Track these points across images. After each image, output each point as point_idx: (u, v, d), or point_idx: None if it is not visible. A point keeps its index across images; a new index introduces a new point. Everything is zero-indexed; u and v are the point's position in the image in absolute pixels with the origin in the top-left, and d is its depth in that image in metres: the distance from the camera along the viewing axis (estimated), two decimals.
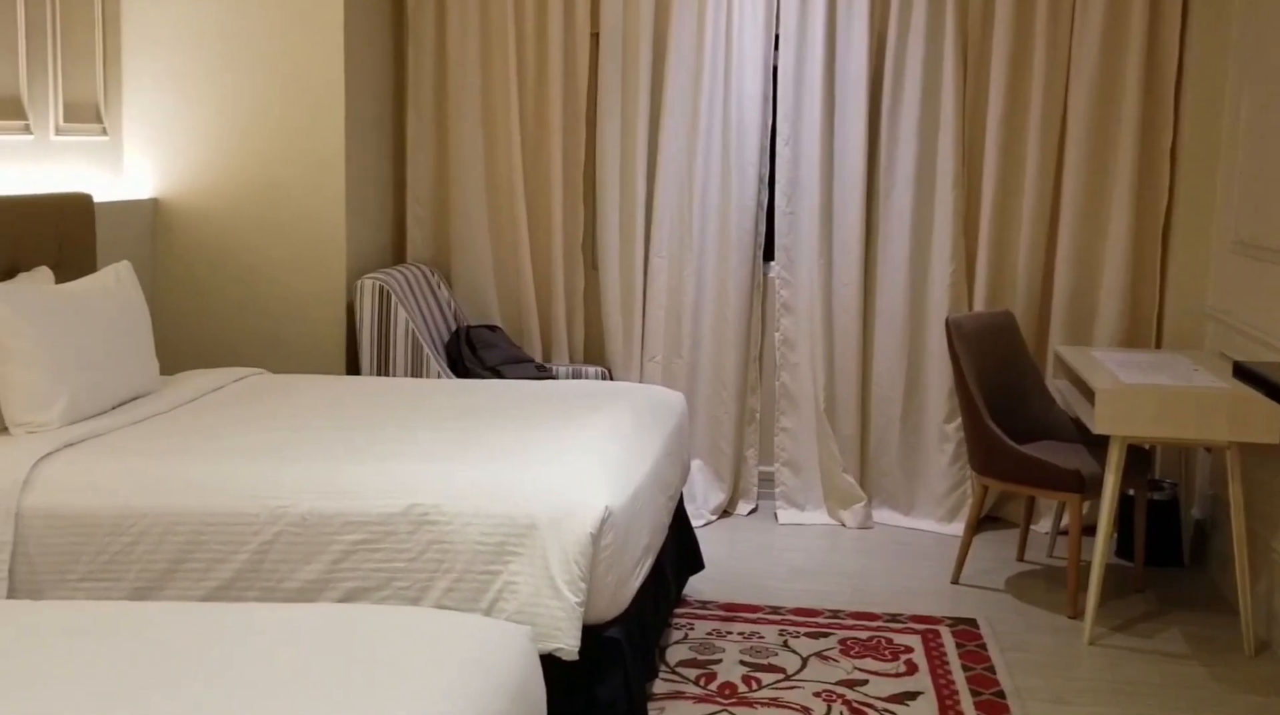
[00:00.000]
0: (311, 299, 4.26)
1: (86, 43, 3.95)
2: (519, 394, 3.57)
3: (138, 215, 4.19)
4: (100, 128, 4.07)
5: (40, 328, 2.89)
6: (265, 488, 2.62)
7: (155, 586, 2.57)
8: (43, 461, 2.66)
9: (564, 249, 4.64)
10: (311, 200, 4.22)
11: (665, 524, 3.19)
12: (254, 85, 4.19)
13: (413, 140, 4.65)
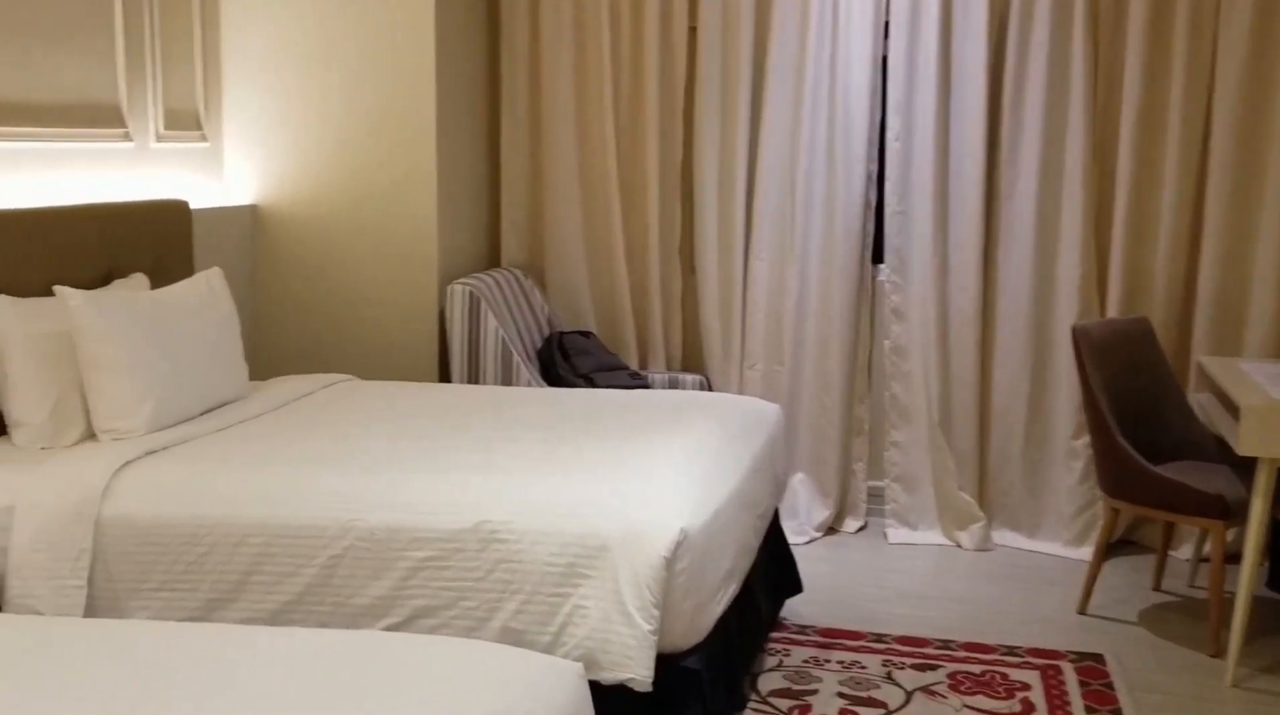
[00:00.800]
0: (404, 305, 4.30)
1: (185, 51, 4.07)
2: (606, 404, 3.53)
3: (237, 221, 4.31)
4: (200, 134, 4.19)
5: (127, 335, 2.98)
6: (335, 500, 2.64)
7: (228, 599, 2.62)
8: (124, 469, 2.73)
9: (660, 251, 4.59)
10: (404, 205, 4.27)
11: (753, 545, 3.10)
12: (349, 90, 4.26)
13: (507, 143, 4.67)
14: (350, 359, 4.32)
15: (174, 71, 4.01)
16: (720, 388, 4.52)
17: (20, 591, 2.60)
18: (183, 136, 4.08)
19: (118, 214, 3.53)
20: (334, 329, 4.38)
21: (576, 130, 4.59)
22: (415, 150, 4.24)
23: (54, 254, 3.22)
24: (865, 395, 4.57)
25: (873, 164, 4.46)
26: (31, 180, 3.34)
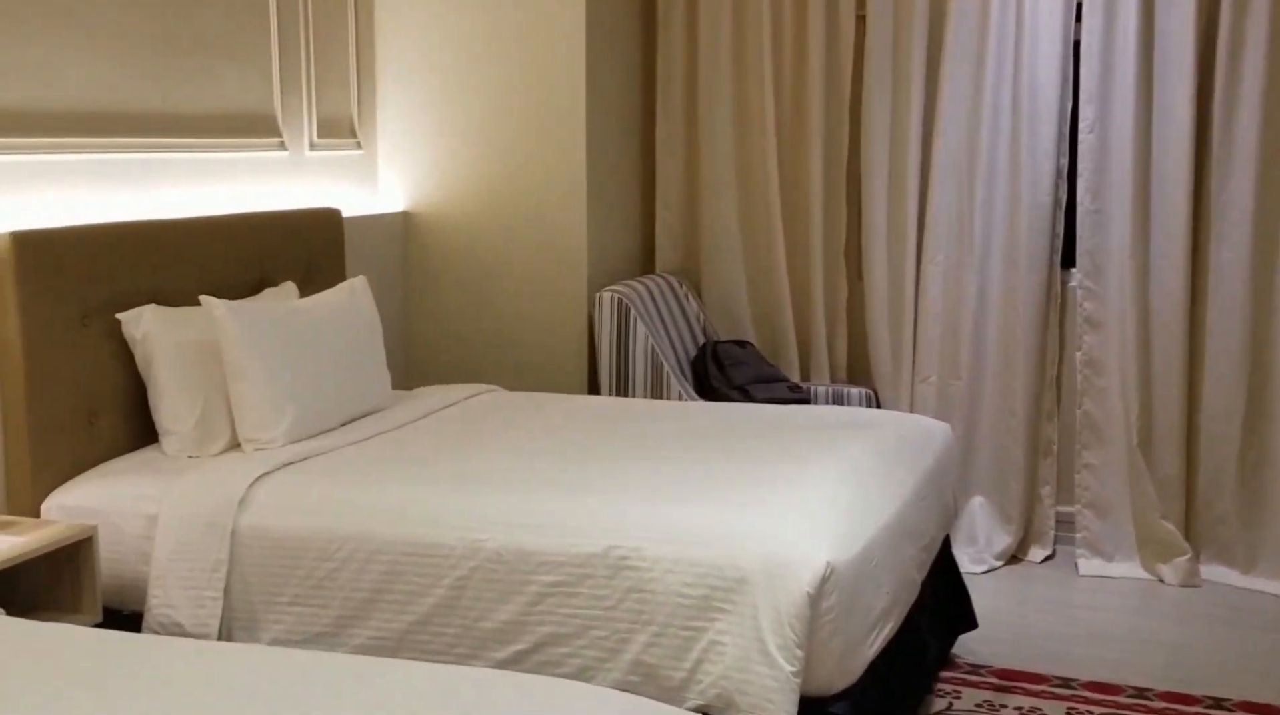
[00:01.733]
0: (553, 313, 4.30)
1: (340, 59, 4.18)
2: (758, 420, 3.42)
3: (389, 229, 4.39)
4: (354, 142, 4.29)
5: (268, 345, 3.05)
6: (464, 518, 2.62)
7: (358, 616, 2.64)
8: (260, 480, 2.80)
9: (824, 256, 4.46)
10: (554, 211, 4.27)
11: (915, 579, 2.93)
12: (499, 95, 4.30)
13: (662, 144, 4.62)
14: (499, 368, 4.34)
15: (328, 80, 4.11)
16: (889, 402, 4.34)
17: (160, 601, 2.68)
18: (336, 144, 4.19)
19: (270, 223, 3.64)
20: (483, 337, 4.41)
21: (735, 128, 4.50)
22: (565, 155, 4.24)
23: (207, 263, 3.34)
24: (1054, 412, 4.32)
25: (1063, 159, 4.22)
26: (189, 190, 3.48)
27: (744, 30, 4.46)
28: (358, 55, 4.28)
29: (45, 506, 2.83)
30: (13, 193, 2.90)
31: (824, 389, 4.35)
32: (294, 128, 3.95)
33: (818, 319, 4.49)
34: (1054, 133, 4.18)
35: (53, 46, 2.99)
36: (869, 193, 4.39)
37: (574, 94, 4.21)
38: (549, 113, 4.25)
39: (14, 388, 2.78)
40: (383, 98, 4.42)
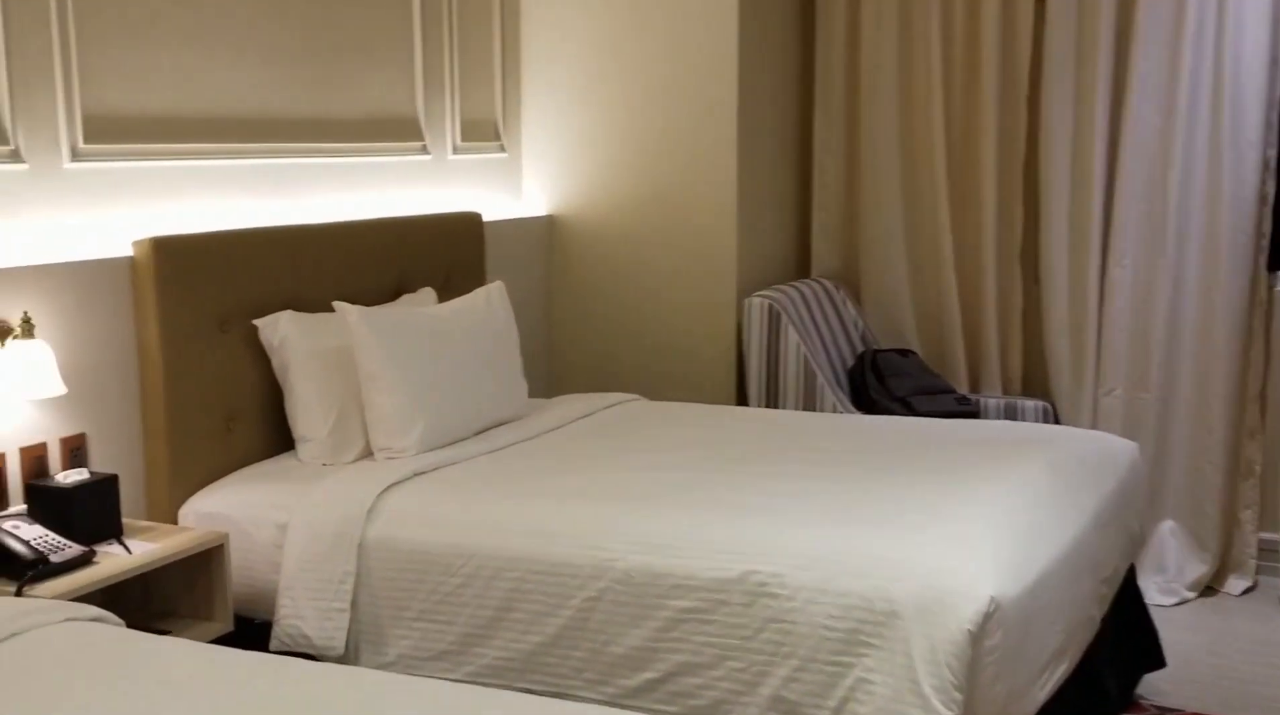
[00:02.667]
0: (700, 320, 4.19)
1: (485, 62, 4.17)
2: (921, 435, 3.23)
3: (532, 233, 4.36)
4: (498, 145, 4.27)
5: (401, 351, 3.03)
6: (592, 536, 2.54)
7: (483, 635, 2.58)
8: (389, 491, 2.77)
9: (997, 258, 4.24)
10: (702, 214, 4.16)
11: (1093, 616, 2.71)
12: (648, 95, 4.22)
13: (820, 143, 4.47)
14: (643, 376, 4.25)
15: (472, 83, 4.10)
16: (1068, 417, 4.08)
17: (289, 612, 2.68)
18: (480, 148, 4.18)
19: (410, 227, 3.65)
20: (627, 345, 4.34)
21: (899, 124, 4.31)
22: (715, 155, 4.12)
23: (346, 269, 3.35)
24: (1257, 431, 3.99)
25: (1270, 149, 3.90)
26: (330, 195, 3.51)
27: (910, 19, 4.26)
28: (503, 56, 4.26)
29: (182, 512, 2.87)
30: (156, 199, 2.96)
31: (995, 402, 4.10)
32: (436, 131, 3.95)
33: (989, 326, 4.25)
34: (1260, 119, 3.85)
35: (195, 53, 3.05)
36: (1048, 189, 4.13)
37: (725, 91, 4.09)
38: (699, 111, 4.14)
39: (153, 393, 2.83)
40: (528, 99, 4.39)
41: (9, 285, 2.55)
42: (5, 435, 2.55)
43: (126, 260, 2.81)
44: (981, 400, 4.11)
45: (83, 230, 2.76)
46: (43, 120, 2.67)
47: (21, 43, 2.61)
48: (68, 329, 2.67)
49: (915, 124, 4.29)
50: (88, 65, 2.76)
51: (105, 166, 2.82)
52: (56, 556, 2.37)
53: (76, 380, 2.68)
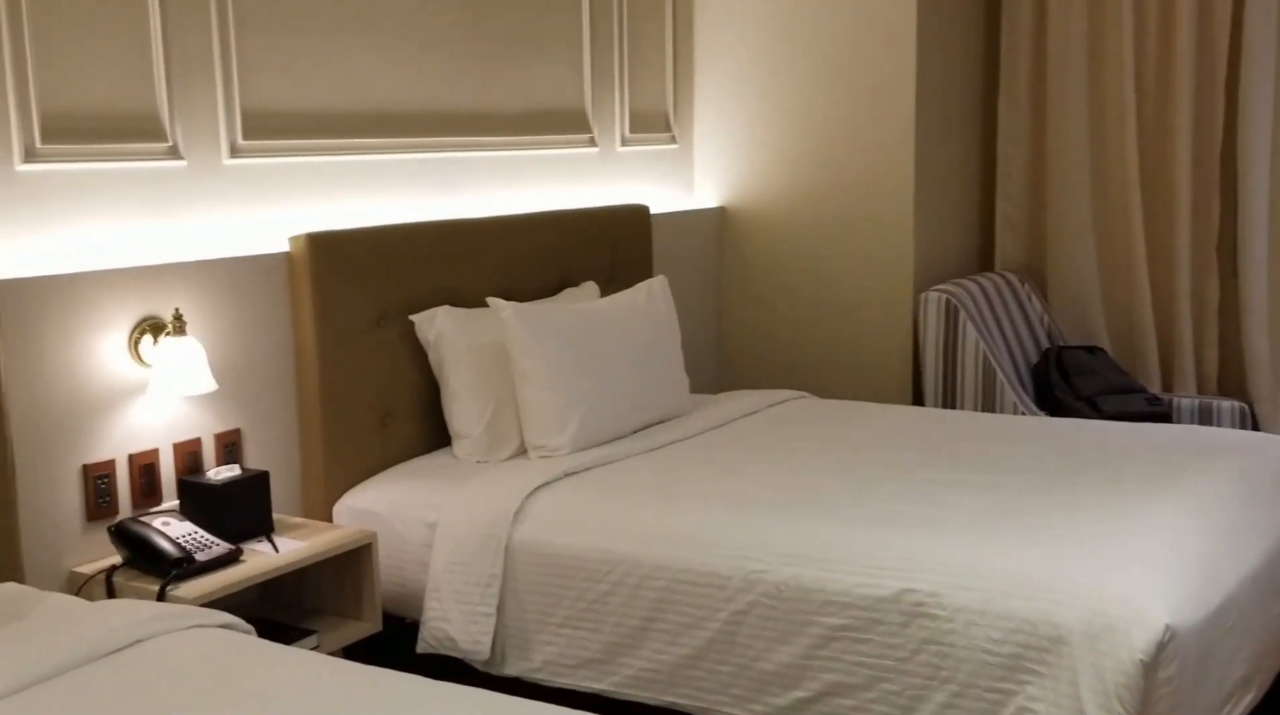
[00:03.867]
0: (875, 314, 3.99)
1: (656, 52, 4.06)
2: (1106, 438, 2.97)
3: (703, 225, 4.24)
4: (669, 136, 4.16)
5: (554, 347, 2.95)
6: (742, 546, 2.39)
7: (630, 644, 2.47)
8: (537, 492, 2.68)
9: (1192, 251, 3.93)
10: (878, 205, 3.95)
11: None
12: (823, 84, 4.03)
13: (1004, 132, 4.22)
14: (815, 372, 4.07)
15: (642, 74, 4.00)
16: (1266, 418, 3.74)
17: (436, 613, 2.63)
18: (649, 139, 4.07)
19: (574, 220, 3.57)
20: (799, 339, 4.16)
21: (1089, 112, 4.04)
22: (892, 145, 3.90)
23: (507, 263, 3.30)
24: None
25: None
26: (494, 189, 3.46)
27: (1100, 2, 3.95)
28: (674, 46, 4.14)
29: (337, 509, 2.85)
30: (314, 194, 2.95)
31: (1189, 402, 3.76)
32: (605, 123, 3.86)
33: (1183, 322, 3.93)
34: None
35: (355, 47, 3.03)
36: (1247, 179, 3.81)
37: (903, 79, 3.86)
38: (875, 99, 3.92)
39: (309, 389, 2.83)
40: (700, 89, 4.26)
41: (162, 282, 2.57)
42: (159, 431, 2.58)
43: (282, 256, 2.80)
44: (1174, 400, 3.77)
45: (239, 227, 2.77)
46: (201, 117, 2.69)
47: (180, 40, 2.63)
48: (222, 326, 2.68)
49: (1105, 113, 4.01)
50: (246, 61, 2.77)
51: (263, 162, 2.82)
52: (202, 555, 2.38)
53: (231, 376, 2.70)
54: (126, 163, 2.57)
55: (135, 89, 2.57)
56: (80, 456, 2.46)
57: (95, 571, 2.41)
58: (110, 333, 2.49)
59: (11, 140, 2.37)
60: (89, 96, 2.49)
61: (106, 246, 2.53)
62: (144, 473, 2.55)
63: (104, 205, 2.53)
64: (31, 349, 2.36)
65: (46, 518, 2.41)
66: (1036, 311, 4.09)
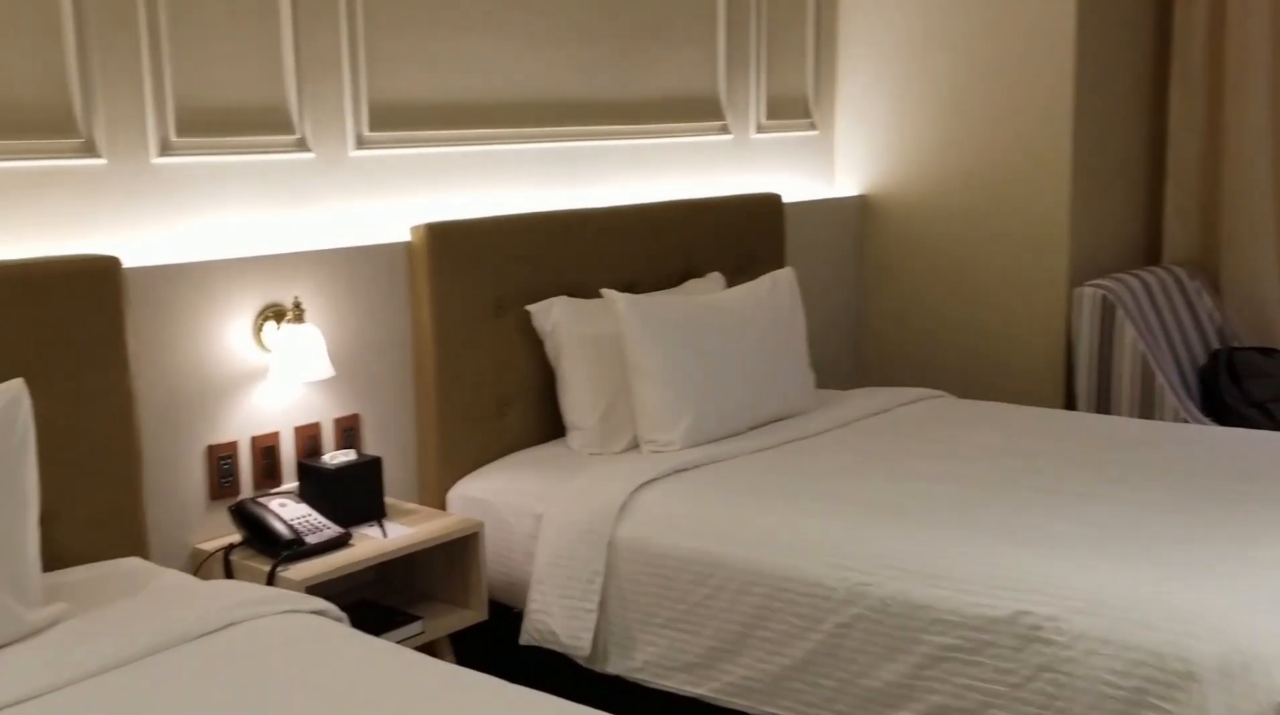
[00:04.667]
0: (1024, 310, 3.78)
1: (795, 36, 3.93)
2: (1272, 452, 2.71)
3: (842, 214, 4.09)
4: (808, 123, 4.03)
5: (668, 341, 2.88)
6: (847, 555, 2.28)
7: (730, 650, 2.39)
8: (644, 488, 2.63)
9: None
10: (1031, 195, 3.74)
11: None
12: (974, 64, 3.83)
13: (1176, 117, 3.94)
14: (958, 370, 3.89)
15: (780, 59, 3.88)
16: None
17: (538, 607, 2.61)
18: (787, 126, 3.95)
19: (701, 210, 3.49)
20: (942, 335, 3.97)
21: (1271, 96, 3.68)
22: (1048, 130, 3.67)
23: (631, 252, 3.25)
24: None
25: None
26: (622, 178, 3.41)
27: None
28: (817, 29, 4.00)
29: (450, 496, 2.86)
30: (439, 185, 2.96)
31: None
32: (739, 110, 3.76)
33: None
34: None
35: (482, 37, 3.02)
36: None
37: (1060, 60, 3.63)
38: (1030, 82, 3.70)
39: (426, 377, 2.84)
40: (843, 74, 4.11)
41: (286, 271, 2.61)
42: (280, 414, 2.63)
43: (402, 246, 2.82)
44: None
45: (363, 217, 2.80)
46: (329, 109, 2.72)
47: (311, 35, 2.67)
48: (342, 313, 2.71)
49: None
50: (375, 54, 2.79)
51: (388, 154, 2.84)
52: (313, 538, 2.41)
53: (351, 362, 2.73)
54: (256, 155, 2.62)
55: (266, 83, 2.62)
56: (205, 437, 2.52)
57: (215, 549, 2.48)
58: (235, 319, 2.55)
59: (148, 134, 2.44)
60: (222, 91, 2.55)
61: (235, 236, 2.58)
62: (265, 455, 2.60)
63: (233, 196, 2.59)
64: (160, 334, 2.43)
65: (172, 496, 2.48)
66: (1207, 309, 3.80)
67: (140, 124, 2.43)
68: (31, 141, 2.29)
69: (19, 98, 2.27)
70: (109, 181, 2.40)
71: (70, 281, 2.23)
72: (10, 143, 2.26)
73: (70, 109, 2.33)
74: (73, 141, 2.35)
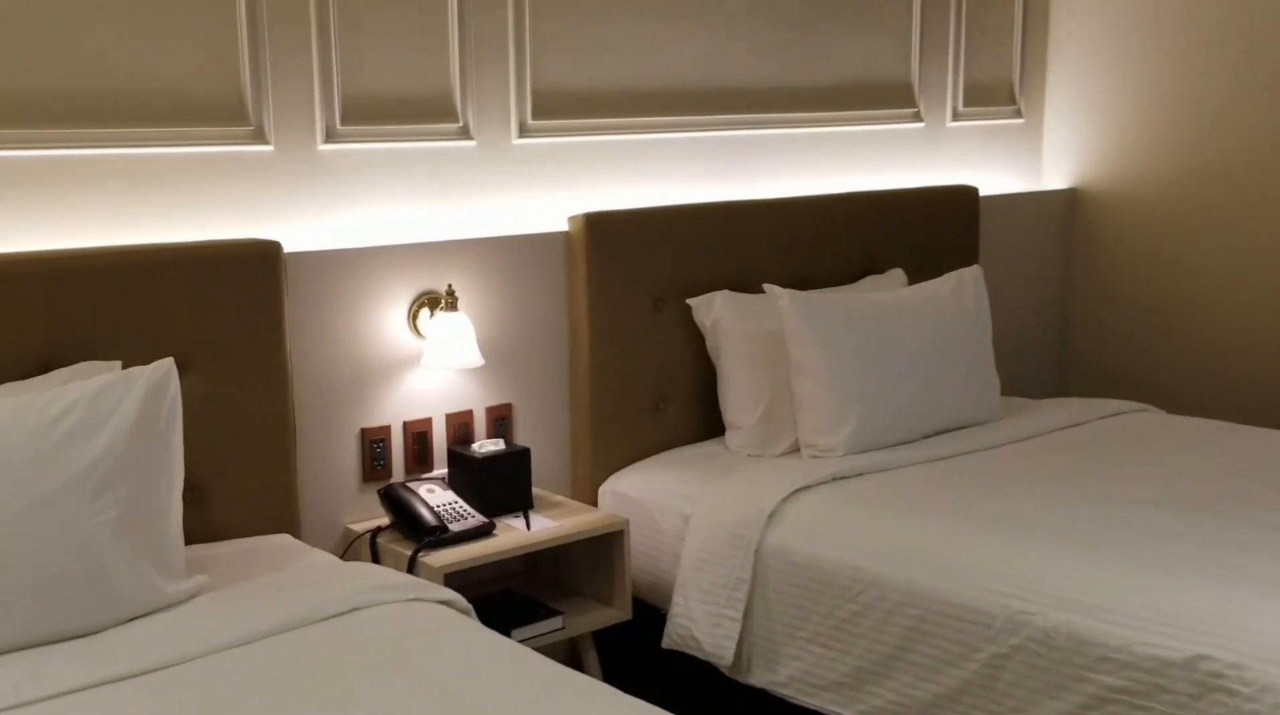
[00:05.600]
0: (1252, 321, 3.45)
1: (1002, 16, 3.69)
2: None
3: (1048, 209, 3.83)
4: (1013, 109, 3.78)
5: (834, 340, 2.74)
6: (1010, 581, 2.10)
7: (878, 673, 2.25)
8: (798, 495, 2.51)
9: None
10: (1268, 195, 3.40)
11: None
12: (1203, 47, 3.50)
13: None
14: (1174, 383, 3.58)
15: (982, 39, 3.65)
16: None
17: (681, 611, 2.53)
18: (987, 113, 3.71)
19: (885, 202, 3.32)
20: (1155, 344, 3.66)
21: None
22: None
23: (804, 246, 3.12)
24: None
25: None
26: (797, 168, 3.28)
27: None
28: (1025, 3, 3.74)
29: (601, 491, 2.81)
30: (602, 173, 2.91)
31: None
32: (934, 96, 3.56)
33: None
34: None
35: (650, 23, 2.94)
36: None
37: None
38: (1272, 70, 3.34)
39: (581, 369, 2.80)
40: (1054, 57, 3.83)
41: (443, 258, 2.62)
42: (433, 401, 2.64)
43: (560, 236, 2.78)
44: None
45: (523, 205, 2.78)
46: (493, 98, 2.71)
47: (476, 22, 2.66)
48: (497, 302, 2.70)
49: None
50: (540, 40, 2.76)
51: (551, 142, 2.81)
52: (456, 526, 2.40)
53: (504, 352, 2.72)
54: (419, 143, 2.64)
55: (431, 71, 2.63)
56: (359, 421, 2.56)
57: (364, 531, 2.51)
58: (392, 305, 2.57)
59: (315, 121, 2.49)
60: (387, 79, 2.57)
61: (394, 223, 2.60)
62: (417, 440, 2.62)
63: (395, 183, 2.61)
64: (318, 318, 2.48)
65: (325, 476, 2.53)
66: None
67: (308, 112, 2.48)
68: (204, 129, 2.36)
69: (192, 87, 2.34)
70: (275, 168, 2.45)
71: (233, 265, 2.30)
72: (183, 130, 2.34)
73: (241, 98, 2.40)
74: (242, 129, 2.41)
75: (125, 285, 2.17)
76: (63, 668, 1.70)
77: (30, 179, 2.20)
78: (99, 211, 2.27)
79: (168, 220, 2.34)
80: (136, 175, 2.30)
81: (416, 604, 1.97)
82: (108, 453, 1.85)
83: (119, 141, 2.27)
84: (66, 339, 2.11)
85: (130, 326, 2.17)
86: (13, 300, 2.06)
